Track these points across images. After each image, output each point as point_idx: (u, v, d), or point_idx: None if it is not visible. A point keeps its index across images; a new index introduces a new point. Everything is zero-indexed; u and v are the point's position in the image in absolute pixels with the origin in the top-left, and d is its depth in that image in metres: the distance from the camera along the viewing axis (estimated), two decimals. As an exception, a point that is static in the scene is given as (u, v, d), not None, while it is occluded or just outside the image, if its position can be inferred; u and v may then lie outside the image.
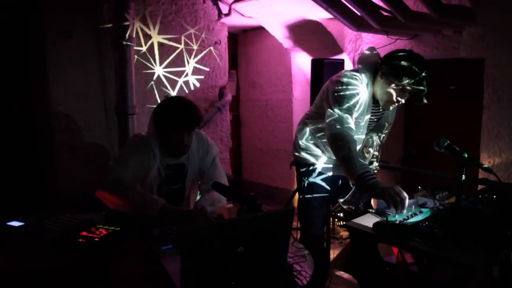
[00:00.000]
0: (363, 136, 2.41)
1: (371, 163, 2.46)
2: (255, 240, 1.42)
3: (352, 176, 2.03)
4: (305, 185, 2.54)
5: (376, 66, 2.29)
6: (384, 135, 2.47)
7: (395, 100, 2.22)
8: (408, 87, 2.15)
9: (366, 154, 2.44)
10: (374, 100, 2.34)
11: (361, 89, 2.24)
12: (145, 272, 1.60)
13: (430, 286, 2.03)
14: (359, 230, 1.99)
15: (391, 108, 2.33)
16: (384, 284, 2.63)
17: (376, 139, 2.45)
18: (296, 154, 2.58)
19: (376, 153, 2.46)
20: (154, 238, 1.81)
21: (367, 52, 2.38)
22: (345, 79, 2.24)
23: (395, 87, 2.18)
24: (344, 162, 2.09)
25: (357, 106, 2.24)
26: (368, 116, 2.33)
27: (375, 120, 2.45)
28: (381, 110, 2.42)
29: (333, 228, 4.19)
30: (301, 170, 2.58)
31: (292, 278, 1.55)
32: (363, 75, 2.28)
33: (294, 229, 2.72)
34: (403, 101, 2.22)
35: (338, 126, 2.14)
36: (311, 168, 2.52)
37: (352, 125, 2.18)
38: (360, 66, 2.32)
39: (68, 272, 1.56)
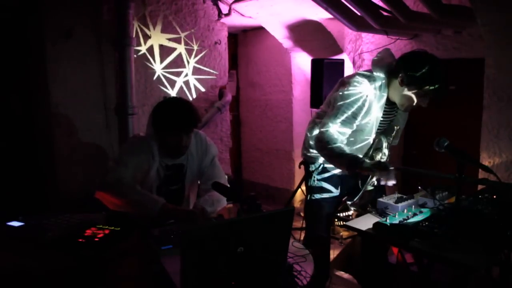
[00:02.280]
0: (371, 139, 2.40)
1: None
2: (255, 240, 1.42)
3: (345, 162, 2.15)
4: (314, 184, 2.54)
5: (391, 69, 2.27)
6: (392, 138, 2.45)
7: (415, 104, 2.24)
8: (430, 92, 2.17)
9: (376, 157, 2.44)
10: (388, 102, 2.33)
11: (367, 93, 2.24)
12: (145, 272, 1.60)
13: (430, 286, 2.03)
14: (367, 232, 1.99)
15: (400, 108, 2.35)
16: (387, 286, 2.64)
17: (384, 142, 2.44)
18: (305, 153, 2.58)
19: (385, 157, 2.45)
20: (154, 238, 1.81)
21: (381, 54, 2.37)
22: (350, 83, 2.26)
23: (417, 94, 2.19)
24: (336, 156, 2.20)
25: (362, 111, 2.25)
26: (378, 119, 2.32)
27: (388, 122, 2.44)
28: (394, 112, 2.41)
29: (333, 228, 4.19)
30: (310, 169, 2.58)
31: (292, 278, 1.55)
32: (376, 78, 2.27)
33: (295, 229, 2.73)
34: (425, 104, 2.23)
35: (327, 135, 2.24)
36: (320, 167, 2.52)
37: (343, 136, 2.26)
38: (374, 68, 2.30)
39: (68, 272, 1.56)
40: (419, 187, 2.38)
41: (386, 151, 2.46)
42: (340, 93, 2.26)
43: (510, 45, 2.88)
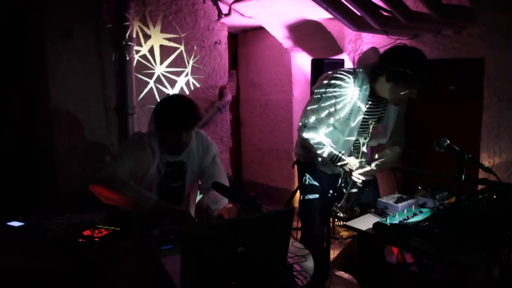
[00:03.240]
0: (353, 138, 2.39)
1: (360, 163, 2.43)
2: (255, 240, 1.42)
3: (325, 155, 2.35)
4: (307, 184, 2.54)
5: (376, 66, 2.28)
6: (370, 137, 2.42)
7: (406, 98, 2.24)
8: (417, 85, 2.17)
9: (356, 154, 2.44)
10: (372, 100, 2.33)
11: (348, 93, 2.25)
12: (145, 272, 1.60)
13: (430, 286, 2.03)
14: (367, 232, 1.99)
15: (391, 103, 2.36)
16: (387, 286, 2.64)
17: (362, 140, 2.44)
18: (298, 152, 2.58)
19: (364, 156, 2.44)
20: (154, 238, 1.81)
21: (367, 52, 2.37)
22: (331, 84, 2.28)
23: (405, 89, 2.19)
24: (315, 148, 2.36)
25: (339, 112, 2.28)
26: (360, 117, 2.32)
27: (372, 121, 2.43)
28: (380, 109, 2.40)
29: (333, 228, 4.19)
30: (302, 169, 2.58)
31: (292, 278, 1.55)
32: (359, 75, 2.27)
33: (294, 229, 2.73)
34: (415, 96, 2.22)
35: (312, 133, 2.35)
36: (312, 167, 2.52)
37: (322, 134, 2.35)
38: (359, 66, 2.31)
39: (68, 272, 1.56)
40: (419, 187, 2.38)
41: (364, 149, 2.44)
42: (318, 89, 2.33)
43: (510, 45, 2.88)
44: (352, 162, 2.31)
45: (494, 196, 2.14)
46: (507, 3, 2.76)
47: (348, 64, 4.36)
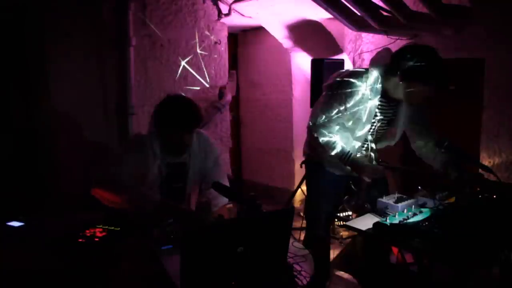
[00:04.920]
0: (362, 137, 2.39)
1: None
2: (255, 240, 1.42)
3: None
4: (314, 184, 2.54)
5: (387, 67, 2.27)
6: (374, 135, 2.43)
7: (422, 97, 2.23)
8: (432, 82, 2.16)
9: (364, 153, 2.44)
10: (384, 101, 2.32)
11: (357, 91, 2.25)
12: (145, 272, 1.60)
13: (430, 286, 2.04)
14: (367, 232, 1.99)
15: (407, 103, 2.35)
16: (388, 286, 2.64)
17: (371, 140, 2.44)
18: (306, 152, 2.58)
19: (372, 154, 2.44)
20: (154, 238, 1.81)
21: (380, 53, 2.37)
22: (338, 80, 2.28)
23: (420, 87, 2.17)
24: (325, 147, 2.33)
25: (349, 108, 2.27)
26: (369, 118, 2.31)
27: (385, 122, 2.41)
28: (391, 111, 2.39)
29: (333, 228, 4.19)
30: (310, 169, 2.58)
31: (292, 278, 1.55)
32: (370, 75, 2.26)
33: (295, 229, 2.73)
34: (432, 93, 2.21)
35: (322, 132, 2.32)
36: (320, 167, 2.52)
37: (332, 132, 2.31)
38: (371, 67, 2.30)
39: (68, 272, 1.56)
40: (419, 187, 2.38)
41: (373, 149, 2.44)
42: (329, 87, 2.32)
43: (510, 45, 2.89)
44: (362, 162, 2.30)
45: (494, 196, 2.14)
46: (507, 3, 2.76)
47: (348, 64, 4.36)
